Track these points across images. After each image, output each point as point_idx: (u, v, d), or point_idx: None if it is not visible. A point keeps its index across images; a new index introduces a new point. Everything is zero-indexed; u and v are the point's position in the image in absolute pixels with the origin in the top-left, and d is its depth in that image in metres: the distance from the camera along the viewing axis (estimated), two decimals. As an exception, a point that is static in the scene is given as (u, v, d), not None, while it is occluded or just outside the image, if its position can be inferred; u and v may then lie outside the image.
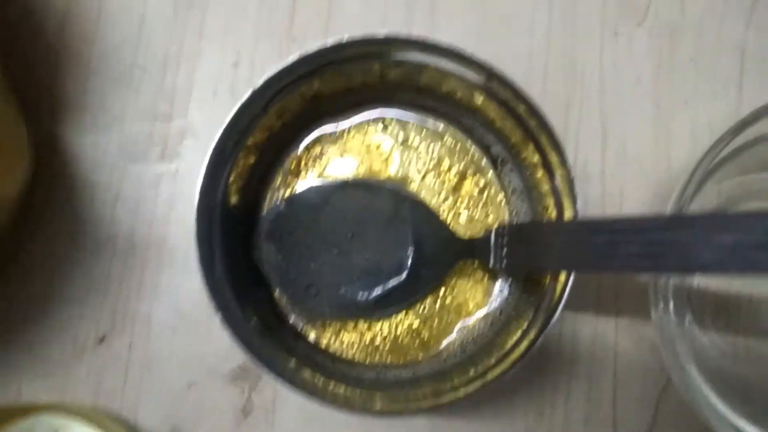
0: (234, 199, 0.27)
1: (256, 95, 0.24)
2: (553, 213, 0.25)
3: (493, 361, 0.24)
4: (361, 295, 0.27)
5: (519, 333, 0.24)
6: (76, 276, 0.29)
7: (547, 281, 0.24)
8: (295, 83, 0.25)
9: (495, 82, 0.24)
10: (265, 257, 0.27)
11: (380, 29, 0.30)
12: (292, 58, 0.23)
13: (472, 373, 0.25)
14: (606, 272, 0.25)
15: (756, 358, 0.27)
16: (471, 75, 0.25)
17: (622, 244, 0.20)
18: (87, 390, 0.29)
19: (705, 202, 0.28)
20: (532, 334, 0.23)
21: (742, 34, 0.29)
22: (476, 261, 0.27)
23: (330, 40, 0.23)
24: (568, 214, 0.23)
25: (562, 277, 0.23)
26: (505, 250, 0.24)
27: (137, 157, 0.30)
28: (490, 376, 0.23)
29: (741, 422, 0.24)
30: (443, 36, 0.30)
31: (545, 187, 0.25)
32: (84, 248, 0.29)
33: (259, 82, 0.23)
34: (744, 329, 0.27)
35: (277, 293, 0.28)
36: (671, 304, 0.26)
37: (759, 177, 0.27)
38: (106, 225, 0.30)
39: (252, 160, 0.27)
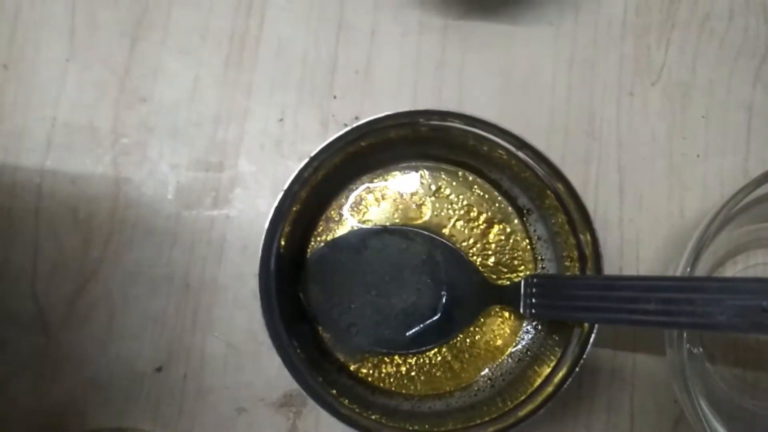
0: (284, 245, 0.29)
1: (311, 161, 0.26)
2: (577, 264, 0.28)
3: (522, 397, 0.27)
4: (398, 333, 0.29)
5: (547, 371, 0.27)
6: (136, 313, 0.32)
7: (573, 324, 0.27)
8: (342, 147, 0.28)
9: (524, 150, 0.27)
10: (311, 298, 0.30)
11: (412, 89, 0.33)
12: (343, 131, 0.26)
13: (501, 406, 0.28)
14: (625, 325, 0.27)
15: (763, 392, 0.29)
16: (496, 138, 0.28)
17: (641, 300, 0.22)
18: (145, 417, 0.32)
19: (717, 248, 0.30)
20: (560, 374, 0.25)
21: (749, 92, 0.32)
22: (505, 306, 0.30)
23: (376, 116, 0.26)
24: (590, 268, 0.26)
25: (586, 325, 0.25)
26: (533, 299, 0.26)
27: (192, 203, 0.33)
28: (522, 412, 0.25)
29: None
30: (470, 96, 0.32)
31: (568, 237, 0.28)
32: (142, 286, 0.32)
33: (316, 149, 0.26)
34: (752, 365, 0.30)
35: (321, 330, 0.30)
36: (684, 342, 0.28)
37: (766, 226, 0.30)
38: (162, 266, 0.32)
39: (298, 210, 0.30)
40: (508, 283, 0.30)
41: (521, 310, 0.27)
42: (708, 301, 0.21)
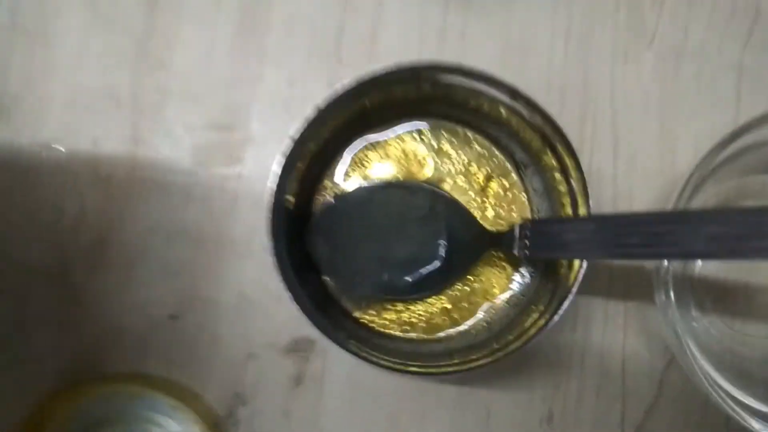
0: (291, 199, 0.31)
1: (318, 113, 0.28)
2: (569, 209, 0.29)
3: (512, 337, 0.28)
4: (400, 281, 0.31)
5: (537, 314, 0.28)
6: (153, 262, 0.34)
7: (563, 270, 0.28)
8: (347, 101, 0.29)
9: (518, 100, 0.28)
10: (317, 248, 0.31)
11: (416, 51, 0.35)
12: (348, 81, 0.28)
13: (495, 346, 0.29)
14: (612, 259, 0.29)
15: (751, 338, 0.31)
16: (496, 93, 0.29)
17: (625, 235, 0.24)
18: (160, 362, 0.33)
19: (704, 201, 0.31)
20: (548, 314, 0.27)
21: (739, 54, 0.33)
22: (502, 251, 0.31)
23: (381, 66, 0.28)
24: (582, 211, 0.27)
25: (576, 266, 0.27)
26: (527, 242, 0.28)
27: (206, 161, 0.34)
28: (511, 347, 0.27)
29: (738, 393, 0.28)
30: (472, 60, 0.34)
31: (563, 188, 0.29)
32: (159, 239, 0.34)
33: (323, 101, 0.28)
34: (741, 313, 0.31)
35: (327, 279, 0.32)
36: (672, 291, 0.29)
37: (754, 179, 0.31)
38: (178, 220, 0.34)
39: (305, 166, 0.32)
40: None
41: (515, 252, 0.29)
42: (688, 231, 0.22)
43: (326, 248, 0.31)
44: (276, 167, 0.28)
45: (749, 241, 0.21)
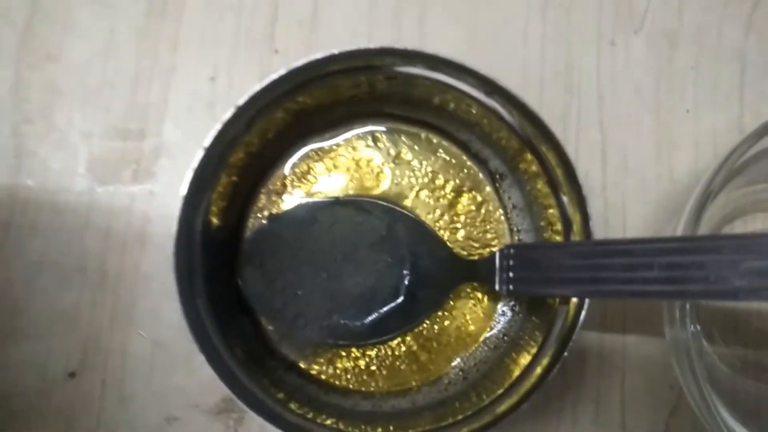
0: (216, 222, 0.25)
1: (239, 113, 0.22)
2: (557, 228, 0.24)
3: (499, 390, 0.23)
4: (355, 322, 0.25)
5: (527, 359, 0.23)
6: (43, 309, 0.27)
7: (556, 301, 0.23)
8: (280, 99, 0.23)
9: (494, 94, 0.23)
10: (249, 284, 0.25)
11: (366, 40, 0.29)
12: (278, 72, 0.22)
13: (475, 401, 0.24)
14: (622, 298, 0.24)
15: (766, 373, 0.26)
16: (466, 86, 0.24)
17: (640, 267, 0.19)
18: (57, 429, 0.27)
19: (713, 213, 0.27)
20: (543, 362, 0.22)
21: (741, 40, 0.28)
22: (478, 282, 0.26)
23: (320, 54, 0.22)
24: (577, 234, 0.22)
25: (573, 301, 0.22)
26: (510, 273, 0.22)
27: (108, 178, 0.28)
28: (500, 409, 0.21)
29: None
30: (432, 48, 0.28)
31: (548, 201, 0.24)
32: (50, 278, 0.27)
33: (243, 99, 0.22)
34: (754, 343, 0.26)
35: (264, 322, 0.26)
36: (688, 319, 0.24)
37: (765, 187, 0.26)
38: (74, 253, 0.28)
39: (234, 179, 0.25)
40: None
41: (496, 287, 0.23)
42: (722, 264, 0.17)
43: (261, 283, 0.25)
44: (184, 186, 0.21)
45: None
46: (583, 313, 0.20)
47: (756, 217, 0.27)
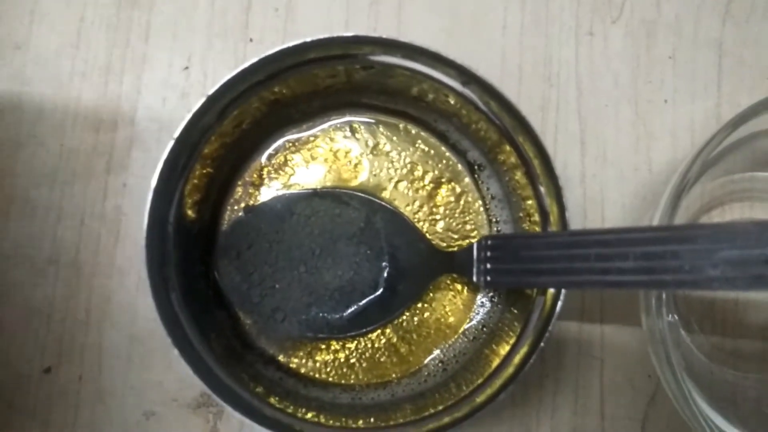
0: (191, 215, 0.24)
1: (211, 102, 0.21)
2: (535, 218, 0.24)
3: (479, 380, 0.23)
4: (334, 315, 0.25)
5: (506, 349, 0.23)
6: (16, 303, 0.27)
7: (534, 292, 0.23)
8: (254, 88, 0.23)
9: (471, 84, 0.22)
10: (225, 277, 0.25)
11: (343, 28, 0.29)
12: (250, 61, 0.21)
13: (455, 392, 0.24)
14: (599, 288, 0.23)
15: (744, 361, 0.26)
16: (443, 76, 0.23)
17: (616, 257, 0.19)
18: (34, 425, 0.26)
19: (690, 203, 0.27)
20: (521, 352, 0.22)
21: (719, 29, 0.28)
22: (456, 274, 0.25)
23: (292, 42, 0.21)
24: (554, 225, 0.22)
25: (550, 292, 0.22)
26: (488, 264, 0.22)
27: (80, 171, 0.27)
28: (479, 399, 0.21)
29: (730, 429, 0.24)
30: (409, 36, 0.28)
31: (526, 192, 0.24)
32: (22, 272, 0.27)
33: (214, 88, 0.21)
34: (731, 332, 0.27)
35: (241, 316, 0.26)
36: (664, 309, 0.25)
37: (742, 177, 0.27)
38: (46, 246, 0.27)
39: (209, 171, 0.25)
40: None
41: (474, 278, 0.23)
42: (697, 253, 0.17)
43: (237, 276, 0.25)
44: (154, 178, 0.21)
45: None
46: (560, 303, 0.20)
47: (733, 207, 0.27)
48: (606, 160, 0.28)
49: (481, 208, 0.26)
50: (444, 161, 0.27)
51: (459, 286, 0.26)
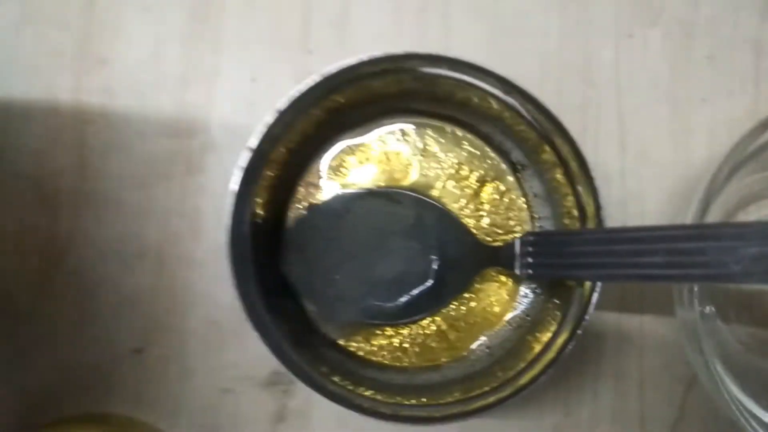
0: (261, 214, 0.27)
1: (279, 116, 0.24)
2: (574, 214, 0.25)
3: (522, 365, 0.25)
4: (388, 304, 0.27)
5: (547, 337, 0.25)
6: (108, 292, 0.30)
7: (574, 284, 0.25)
8: (315, 100, 0.25)
9: (510, 91, 0.24)
10: (292, 269, 0.28)
11: (394, 37, 0.31)
12: (313, 78, 0.24)
13: (500, 375, 0.26)
14: (629, 282, 0.25)
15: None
16: (486, 85, 0.25)
17: (647, 253, 0.20)
18: (126, 401, 0.30)
19: (727, 198, 0.28)
20: (561, 339, 0.24)
21: (757, 28, 0.29)
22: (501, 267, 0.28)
23: (349, 60, 0.24)
24: (591, 222, 0.24)
25: (588, 284, 0.23)
26: (530, 259, 0.24)
27: (162, 174, 0.30)
28: (522, 381, 0.23)
29: (766, 416, 0.25)
30: (457, 41, 0.30)
31: (566, 190, 0.26)
32: (115, 264, 0.30)
33: (282, 103, 0.24)
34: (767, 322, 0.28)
35: (306, 304, 0.28)
36: (696, 300, 0.26)
37: (778, 173, 0.28)
38: (134, 241, 0.30)
39: (276, 174, 0.28)
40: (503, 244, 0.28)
41: (517, 271, 0.25)
42: (721, 250, 0.19)
43: (302, 268, 0.28)
44: (233, 184, 0.24)
45: (798, 263, 0.17)
46: (596, 294, 0.22)
47: (769, 201, 0.28)
48: (645, 157, 0.29)
49: (524, 205, 0.28)
50: (488, 161, 0.29)
51: (504, 278, 0.28)
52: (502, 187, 0.28)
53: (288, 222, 0.29)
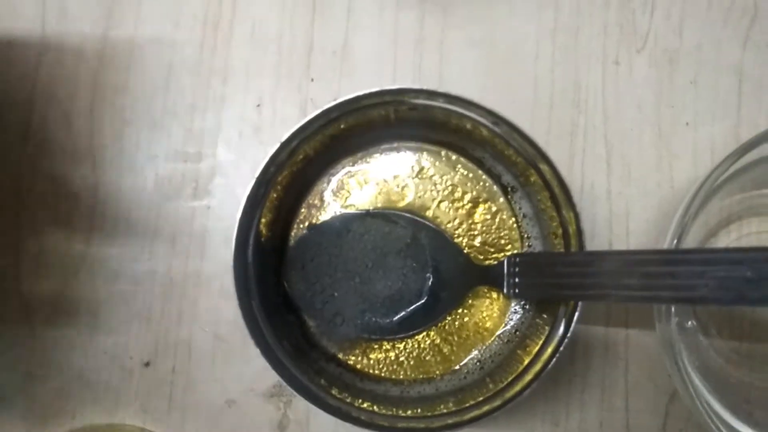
0: (265, 233, 0.29)
1: (284, 145, 0.26)
2: (560, 239, 0.27)
3: (511, 377, 0.26)
4: (385, 320, 0.29)
5: (534, 351, 0.26)
6: (120, 308, 0.32)
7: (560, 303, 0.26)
8: (317, 129, 0.27)
9: (500, 124, 0.26)
10: (293, 286, 0.29)
11: (392, 65, 0.32)
12: (315, 112, 0.25)
13: (491, 387, 0.27)
14: (607, 302, 0.26)
15: (759, 365, 0.29)
16: (476, 116, 0.27)
17: (624, 276, 0.22)
18: (135, 412, 0.31)
19: (708, 218, 0.29)
20: (546, 354, 0.25)
21: (739, 55, 0.30)
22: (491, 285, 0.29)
23: (349, 95, 0.25)
24: (573, 244, 0.25)
25: (571, 303, 0.25)
26: (516, 279, 0.26)
27: (171, 195, 0.32)
28: (509, 393, 0.25)
29: (744, 429, 0.26)
30: (453, 69, 0.32)
31: (552, 213, 0.27)
32: (126, 282, 0.32)
33: (286, 134, 0.25)
34: (748, 336, 0.29)
35: (307, 319, 0.30)
36: (674, 315, 0.27)
37: (759, 193, 0.29)
38: (145, 259, 0.32)
39: (280, 196, 0.29)
40: (495, 263, 0.29)
41: (505, 290, 0.26)
42: (690, 274, 0.20)
43: (303, 285, 0.29)
44: (239, 209, 0.26)
45: (759, 287, 0.19)
46: (578, 311, 0.24)
47: (751, 222, 0.29)
48: (630, 179, 0.30)
49: (515, 225, 0.30)
50: (481, 183, 0.30)
51: (495, 295, 0.29)
52: (494, 208, 0.30)
53: (290, 241, 0.30)
